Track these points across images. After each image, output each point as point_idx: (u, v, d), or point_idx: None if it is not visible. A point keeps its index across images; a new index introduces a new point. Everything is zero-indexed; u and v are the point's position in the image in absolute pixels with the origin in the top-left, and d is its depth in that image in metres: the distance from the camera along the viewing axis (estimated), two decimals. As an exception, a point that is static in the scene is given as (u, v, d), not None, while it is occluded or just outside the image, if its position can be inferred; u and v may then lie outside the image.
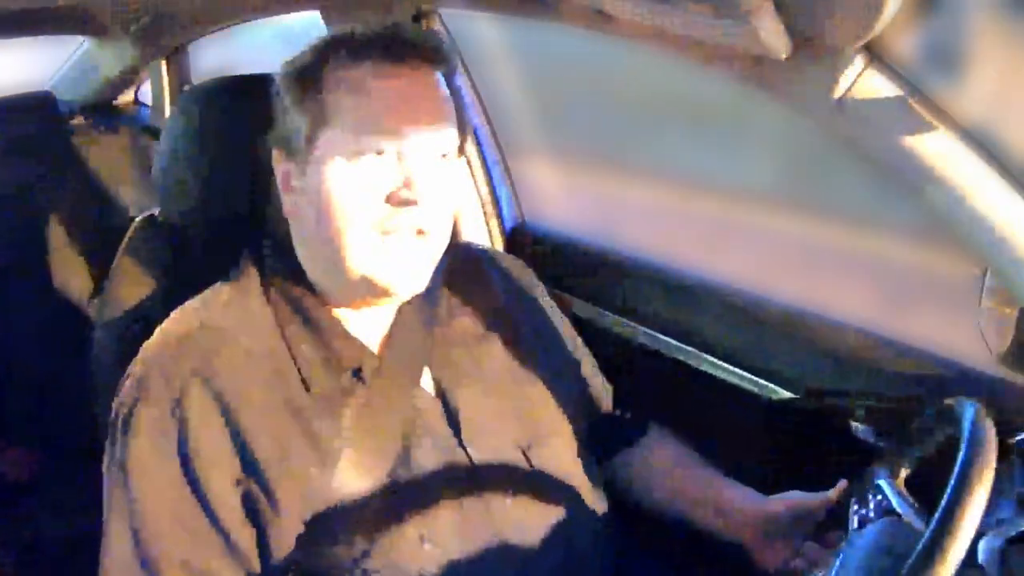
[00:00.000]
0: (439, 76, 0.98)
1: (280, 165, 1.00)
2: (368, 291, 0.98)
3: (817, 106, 0.93)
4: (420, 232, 0.95)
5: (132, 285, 1.13)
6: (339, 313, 1.01)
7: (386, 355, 1.02)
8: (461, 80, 1.52)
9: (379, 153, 0.94)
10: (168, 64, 2.04)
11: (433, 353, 1.05)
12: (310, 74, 0.97)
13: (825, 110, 0.92)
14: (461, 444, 1.02)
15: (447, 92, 0.99)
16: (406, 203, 0.94)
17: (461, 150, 1.02)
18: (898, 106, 0.88)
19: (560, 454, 1.08)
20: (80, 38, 2.07)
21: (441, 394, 1.04)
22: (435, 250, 0.98)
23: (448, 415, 1.03)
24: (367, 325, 1.02)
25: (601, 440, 1.21)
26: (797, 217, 1.77)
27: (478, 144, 1.67)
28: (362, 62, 0.95)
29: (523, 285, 1.20)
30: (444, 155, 0.97)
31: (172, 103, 2.03)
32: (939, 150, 0.88)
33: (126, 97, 2.21)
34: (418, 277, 0.98)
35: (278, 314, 1.01)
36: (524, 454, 1.05)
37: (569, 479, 1.08)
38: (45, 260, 1.85)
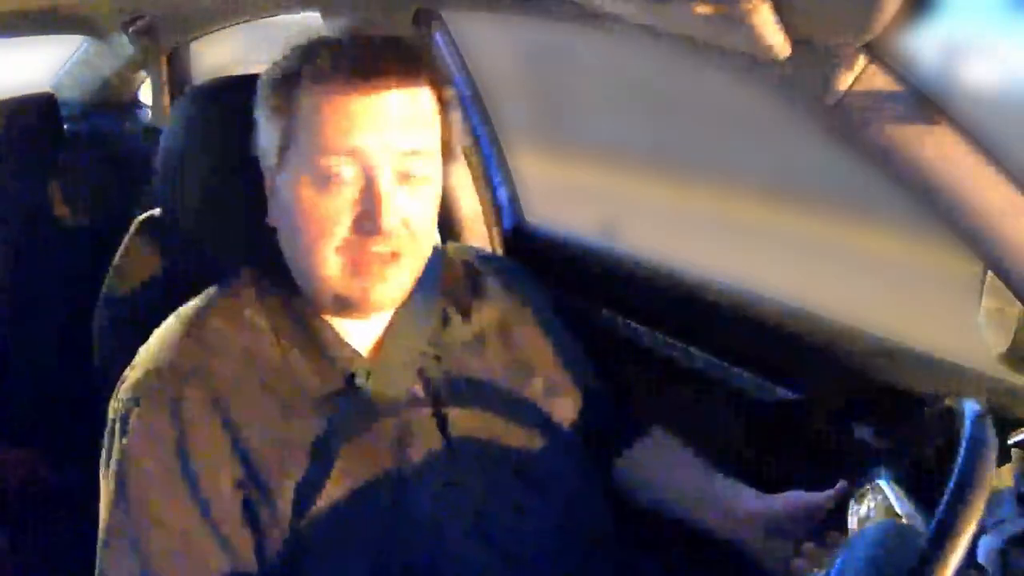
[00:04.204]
0: (420, 89, 0.96)
1: (264, 176, 1.00)
2: (344, 307, 0.98)
3: (817, 106, 0.93)
4: (392, 256, 0.94)
5: (131, 285, 1.13)
6: (331, 319, 1.01)
7: (378, 361, 1.02)
8: (459, 86, 1.53)
9: (345, 177, 0.92)
10: (168, 64, 2.04)
11: (426, 358, 1.05)
12: (283, 87, 0.95)
13: (825, 110, 0.92)
14: (452, 448, 1.02)
15: (428, 105, 0.96)
16: (373, 229, 0.92)
17: (451, 157, 1.00)
18: (898, 106, 0.88)
19: (557, 457, 1.08)
20: (80, 38, 2.07)
21: (434, 399, 1.04)
22: (409, 270, 0.98)
23: (440, 420, 1.03)
24: (359, 330, 1.02)
25: (601, 441, 1.21)
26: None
27: (478, 144, 1.67)
28: (333, 77, 0.93)
29: (521, 289, 1.20)
30: (419, 169, 0.95)
31: (172, 103, 2.03)
32: (939, 150, 0.88)
33: (126, 97, 2.21)
34: (392, 296, 0.98)
35: (272, 319, 1.01)
36: (519, 458, 1.05)
37: (566, 482, 1.08)
38: (45, 260, 1.85)
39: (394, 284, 0.97)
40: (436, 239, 1.07)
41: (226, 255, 1.07)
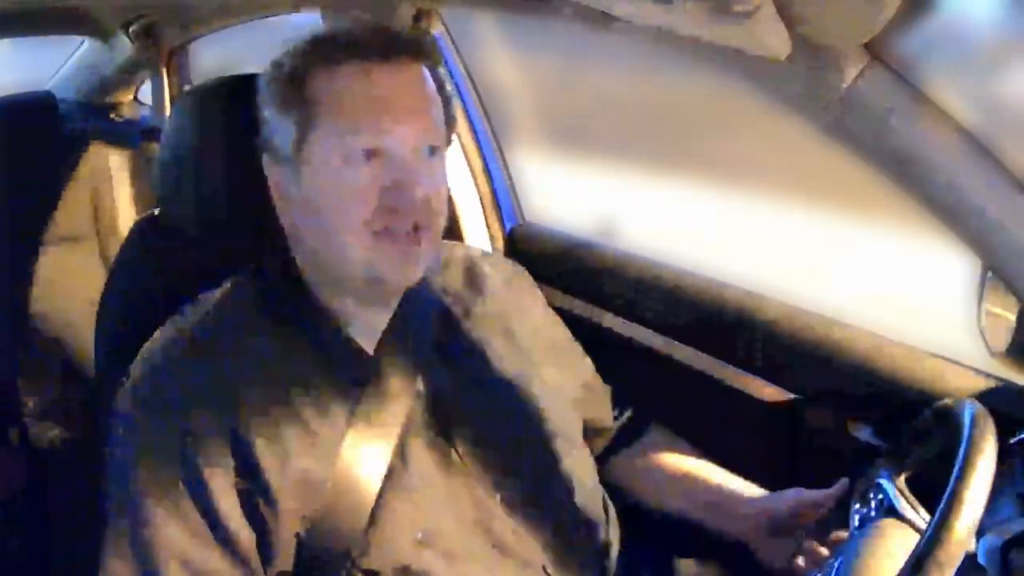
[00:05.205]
0: (423, 70, 0.99)
1: (271, 173, 1.00)
2: (366, 288, 0.99)
3: (817, 106, 0.93)
4: (415, 228, 0.96)
5: (132, 285, 1.13)
6: (336, 315, 1.01)
7: (382, 357, 1.02)
8: (446, 72, 1.53)
9: (369, 153, 0.94)
10: (168, 64, 2.04)
11: (428, 356, 1.05)
12: (294, 78, 0.97)
13: (825, 110, 0.92)
14: (455, 445, 1.02)
15: (432, 85, 1.00)
16: (399, 202, 0.95)
17: (449, 141, 1.02)
18: (898, 106, 0.88)
19: (555, 455, 1.08)
20: (80, 38, 2.07)
21: (435, 396, 1.04)
22: (430, 243, 0.99)
23: (442, 417, 1.03)
24: (363, 328, 1.02)
25: (600, 440, 1.21)
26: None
27: (478, 144, 1.67)
28: (345, 63, 0.96)
29: (520, 288, 1.20)
30: (433, 149, 0.98)
31: (172, 103, 2.03)
32: (939, 150, 0.88)
33: (126, 97, 2.21)
34: (415, 271, 0.99)
35: (276, 316, 1.01)
36: (518, 455, 1.05)
37: (565, 479, 1.08)
38: (44, 260, 1.84)
39: (419, 260, 0.99)
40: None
41: (227, 255, 1.07)
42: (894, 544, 0.84)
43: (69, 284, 1.86)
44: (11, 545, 1.55)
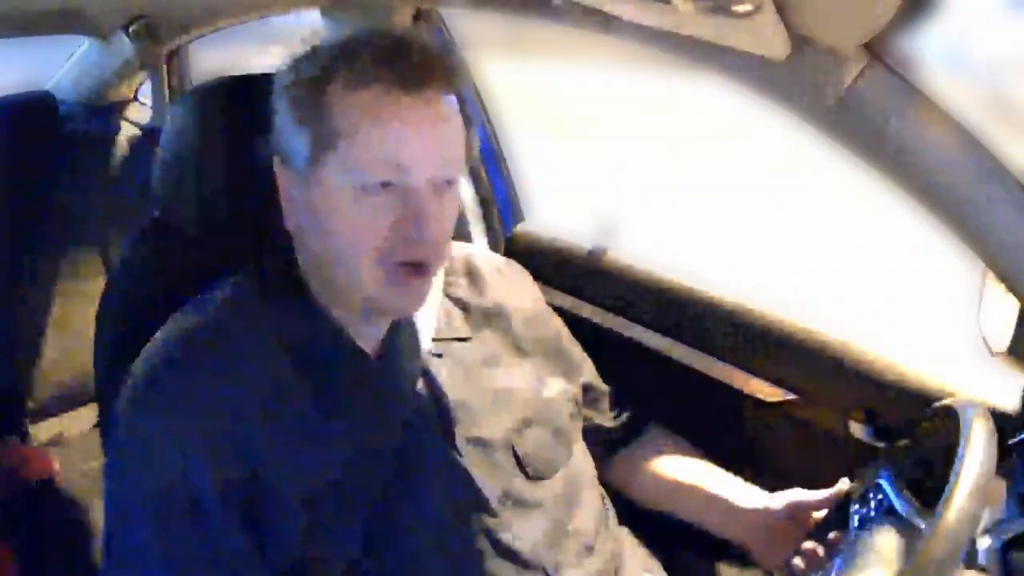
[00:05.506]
0: (451, 101, 0.95)
1: (281, 175, 0.99)
2: (365, 307, 0.99)
3: (817, 106, 0.93)
4: (421, 264, 0.94)
5: (132, 286, 1.13)
6: (337, 316, 1.01)
7: (382, 358, 1.02)
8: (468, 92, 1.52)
9: (386, 185, 0.92)
10: (168, 64, 2.04)
11: (429, 356, 1.05)
12: (314, 90, 0.93)
13: (825, 110, 0.92)
14: (456, 445, 1.02)
15: (459, 116, 0.96)
16: (408, 240, 0.93)
17: (468, 164, 1.00)
18: (898, 106, 0.88)
19: (556, 454, 1.08)
20: (80, 38, 2.07)
21: (437, 396, 1.04)
22: (434, 278, 0.98)
23: (442, 417, 1.03)
24: (365, 328, 1.02)
25: (600, 440, 1.21)
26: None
27: (478, 144, 1.67)
28: (372, 85, 0.92)
29: (520, 289, 1.20)
30: (450, 182, 0.96)
31: (172, 103, 2.03)
32: (939, 150, 0.88)
33: (126, 97, 2.20)
34: (416, 304, 0.99)
35: (277, 318, 1.00)
36: (519, 454, 1.05)
37: (565, 478, 1.08)
38: (45, 260, 1.84)
39: (421, 294, 0.98)
40: None
41: (227, 255, 1.07)
42: (894, 544, 0.84)
43: (69, 284, 1.86)
44: (11, 545, 1.55)
